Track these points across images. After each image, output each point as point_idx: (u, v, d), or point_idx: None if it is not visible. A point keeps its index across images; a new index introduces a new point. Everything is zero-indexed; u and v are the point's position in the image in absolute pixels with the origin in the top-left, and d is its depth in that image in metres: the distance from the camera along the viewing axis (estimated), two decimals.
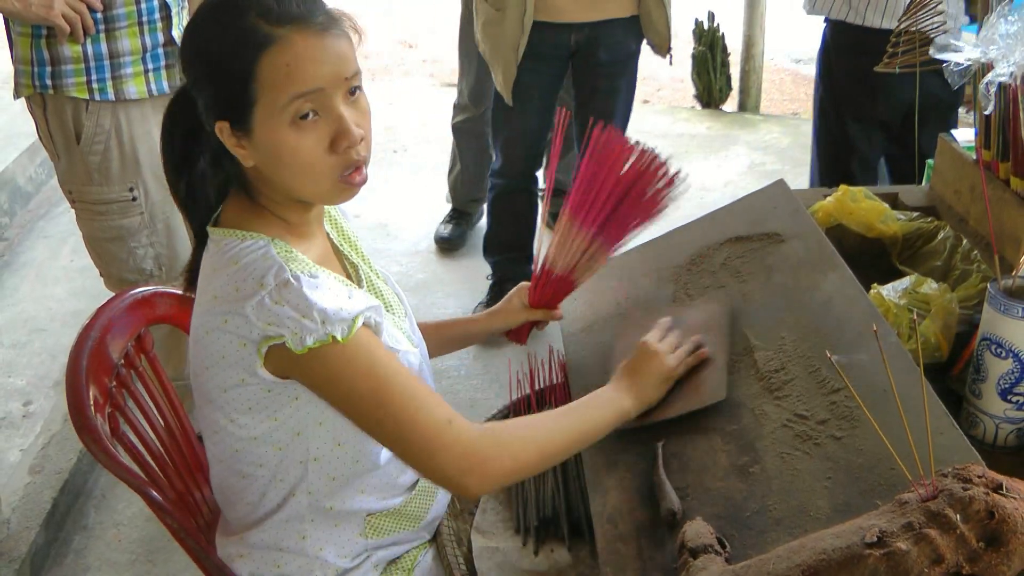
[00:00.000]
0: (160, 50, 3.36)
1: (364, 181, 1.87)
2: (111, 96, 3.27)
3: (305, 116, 1.77)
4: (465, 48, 5.37)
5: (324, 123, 1.79)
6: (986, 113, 2.38)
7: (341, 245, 2.16)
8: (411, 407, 1.81)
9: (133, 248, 3.49)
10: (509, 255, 5.08)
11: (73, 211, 3.46)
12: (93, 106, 3.26)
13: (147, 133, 3.34)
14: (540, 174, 5.13)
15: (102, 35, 3.21)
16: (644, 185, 2.37)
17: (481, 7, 4.34)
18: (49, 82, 3.21)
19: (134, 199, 3.42)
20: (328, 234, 2.13)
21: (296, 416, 1.90)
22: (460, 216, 5.90)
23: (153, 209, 3.45)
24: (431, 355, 2.39)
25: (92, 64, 3.23)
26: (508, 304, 2.48)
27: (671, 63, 4.63)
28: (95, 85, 3.25)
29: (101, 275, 3.64)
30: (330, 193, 1.88)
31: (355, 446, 1.97)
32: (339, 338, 1.75)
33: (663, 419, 2.07)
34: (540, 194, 5.89)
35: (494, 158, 4.94)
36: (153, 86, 3.34)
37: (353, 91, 1.83)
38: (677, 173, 2.38)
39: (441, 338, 2.48)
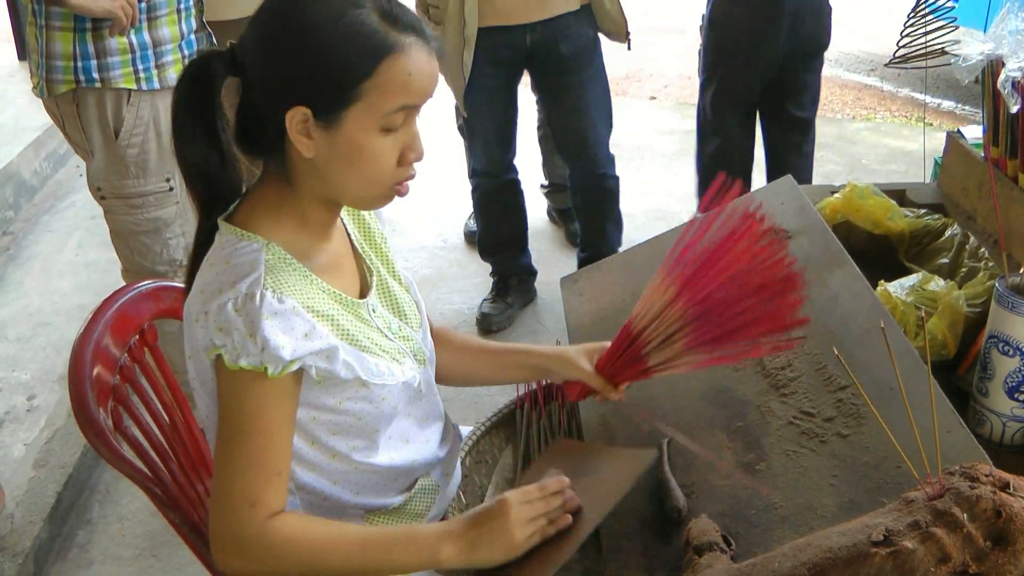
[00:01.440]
0: (193, 36, 3.45)
1: (407, 192, 1.89)
2: (156, 84, 3.34)
3: (395, 128, 1.78)
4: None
5: (402, 136, 1.80)
6: (1013, 112, 2.36)
7: (362, 247, 2.12)
8: (241, 467, 1.78)
9: (167, 239, 3.54)
10: (506, 253, 5.09)
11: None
12: (135, 96, 3.31)
13: None
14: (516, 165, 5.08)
15: (145, 25, 3.27)
16: (773, 317, 1.87)
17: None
18: (96, 75, 3.24)
19: (171, 189, 3.47)
20: (349, 235, 2.10)
21: None
22: None
23: (186, 198, 3.46)
24: (477, 379, 2.39)
25: (138, 54, 3.29)
26: (577, 356, 2.21)
27: (630, 48, 4.60)
28: (141, 75, 3.31)
29: (125, 270, 3.69)
30: (376, 200, 1.88)
31: (327, 444, 1.95)
32: (270, 372, 1.74)
33: None
34: (543, 189, 5.91)
35: (470, 161, 4.98)
36: None
37: None
38: (800, 339, 1.91)
39: (496, 364, 2.36)
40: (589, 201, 4.89)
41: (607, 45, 4.53)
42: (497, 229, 5.04)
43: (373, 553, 1.84)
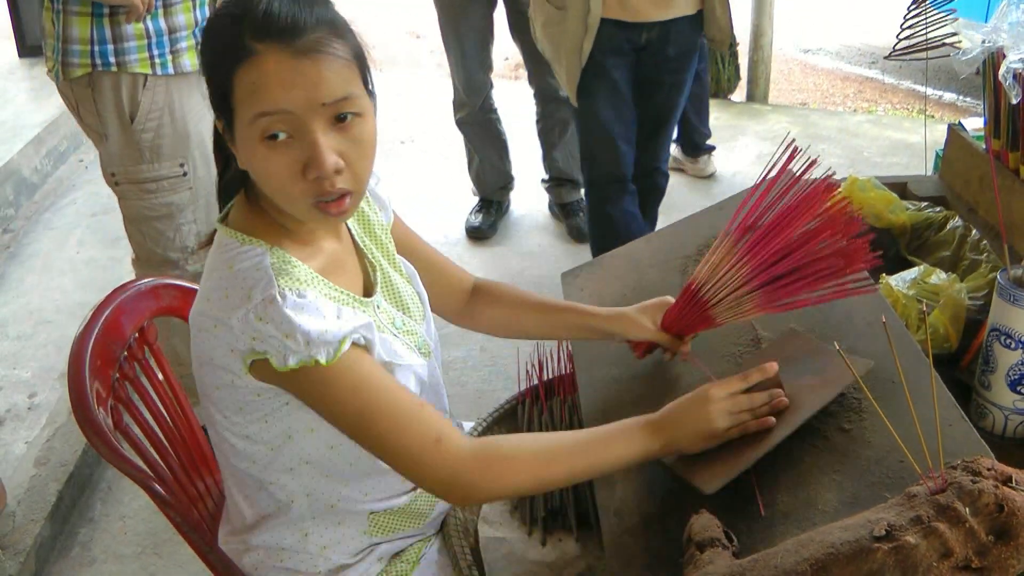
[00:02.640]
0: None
1: (343, 213, 1.80)
2: (171, 70, 3.38)
3: (274, 136, 1.71)
4: (450, 46, 5.41)
5: (298, 147, 1.73)
6: (1014, 103, 2.36)
7: (363, 242, 2.11)
8: (397, 426, 1.78)
9: (180, 224, 3.56)
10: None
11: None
12: (151, 81, 3.36)
13: (195, 106, 3.45)
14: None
15: (160, 12, 3.31)
16: (835, 268, 1.98)
17: (541, 7, 4.25)
18: (112, 59, 3.29)
19: (184, 174, 3.50)
20: (350, 230, 2.09)
21: (286, 420, 1.88)
22: (489, 205, 5.94)
23: (199, 184, 3.53)
24: (533, 334, 2.39)
25: (153, 40, 3.33)
26: (638, 315, 2.27)
27: (734, 57, 4.58)
28: (156, 60, 3.35)
29: (137, 259, 3.72)
30: (307, 216, 1.81)
31: (349, 450, 1.94)
32: (323, 361, 1.73)
33: (673, 468, 1.93)
34: (544, 184, 5.90)
35: (585, 170, 4.72)
36: None
37: (342, 117, 1.75)
38: (871, 287, 2.03)
39: (554, 322, 2.36)
40: (640, 192, 4.82)
41: None
42: (612, 228, 4.67)
43: (593, 453, 1.87)
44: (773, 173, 2.09)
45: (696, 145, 6.47)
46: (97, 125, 3.42)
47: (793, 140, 2.08)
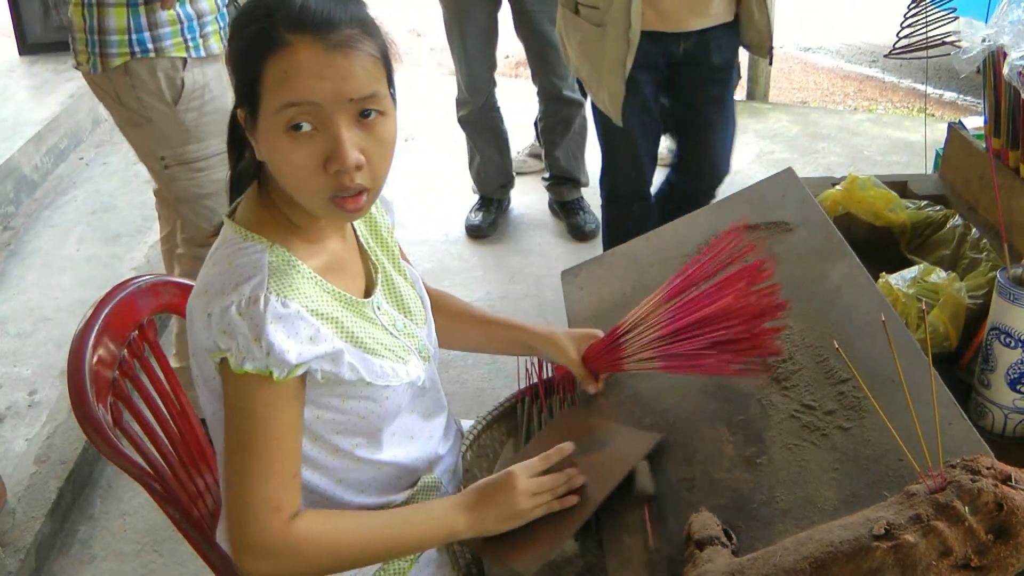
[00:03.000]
0: (225, 9, 3.63)
1: (359, 210, 1.81)
2: (202, 52, 3.52)
3: (298, 127, 1.72)
4: (455, 44, 5.40)
5: (321, 140, 1.74)
6: None
7: (368, 243, 2.11)
8: (259, 473, 1.78)
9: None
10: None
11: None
12: (190, 63, 3.49)
13: (228, 85, 3.53)
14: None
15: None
16: (750, 341, 2.06)
17: (576, 26, 4.07)
18: (151, 46, 3.41)
19: None
20: (356, 230, 2.10)
21: None
22: (489, 204, 5.94)
23: None
24: (469, 346, 2.45)
25: (185, 25, 3.46)
26: (565, 340, 2.34)
27: (771, 63, 4.45)
28: (190, 43, 3.48)
29: (189, 239, 3.79)
30: (322, 211, 1.82)
31: (331, 443, 1.96)
32: (275, 376, 1.74)
33: (479, 552, 2.02)
34: (544, 182, 5.91)
35: (605, 181, 4.60)
36: (225, 42, 3.56)
37: (366, 114, 1.76)
38: (766, 372, 2.06)
39: (488, 335, 2.44)
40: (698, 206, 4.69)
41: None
42: (627, 226, 4.53)
43: (397, 536, 1.90)
44: (718, 247, 2.19)
45: None
46: (140, 110, 3.51)
47: (740, 223, 2.24)
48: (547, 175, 5.87)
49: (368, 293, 2.03)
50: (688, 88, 4.22)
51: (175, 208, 3.80)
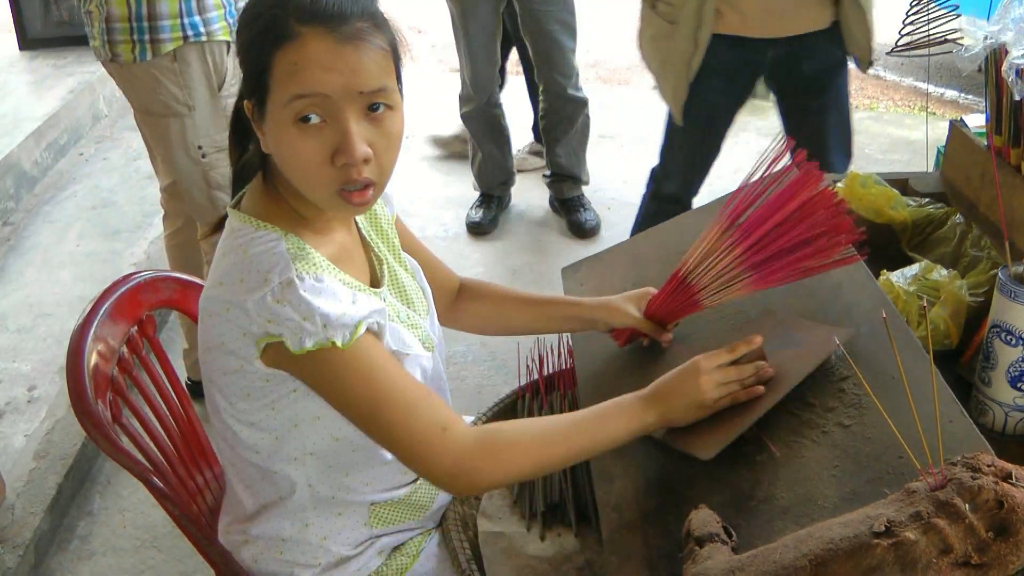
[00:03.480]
0: None
1: (365, 204, 1.81)
2: None
3: (306, 119, 1.73)
4: (461, 40, 5.44)
5: (330, 132, 1.74)
6: (1017, 99, 2.35)
7: (370, 236, 2.12)
8: (406, 414, 1.80)
9: None
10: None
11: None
12: (231, 48, 3.57)
13: None
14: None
15: None
16: (822, 246, 2.06)
17: (650, 20, 3.96)
18: (202, 30, 3.49)
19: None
20: (357, 224, 2.10)
21: (293, 408, 1.88)
22: (490, 200, 5.95)
23: None
24: (519, 329, 2.44)
25: (227, 8, 3.55)
26: (623, 303, 2.34)
27: (864, 71, 4.23)
28: (232, 27, 3.56)
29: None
30: (328, 204, 1.82)
31: (354, 439, 1.95)
32: (339, 344, 1.74)
33: (667, 442, 1.99)
34: (545, 179, 5.91)
35: (658, 179, 4.49)
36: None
37: (375, 107, 1.77)
38: (861, 255, 2.09)
39: (539, 315, 2.42)
40: None
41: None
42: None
43: (591, 431, 1.91)
44: (763, 167, 2.14)
45: None
46: (184, 98, 3.55)
47: (782, 136, 2.15)
48: (548, 172, 5.88)
49: (374, 286, 2.03)
50: (786, 98, 4.10)
51: (210, 195, 3.78)
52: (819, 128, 4.04)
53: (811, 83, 3.89)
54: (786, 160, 2.13)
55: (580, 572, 2.07)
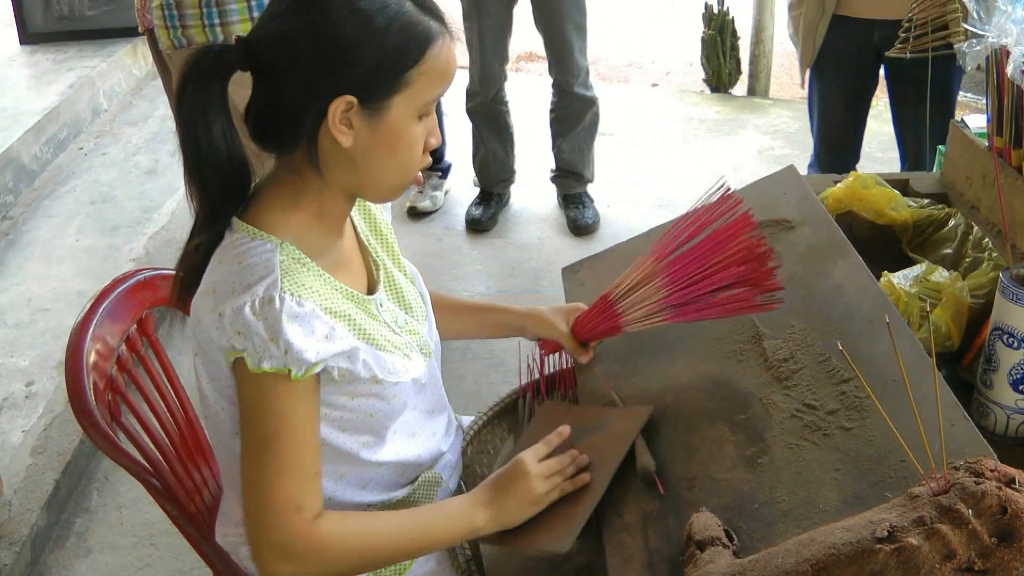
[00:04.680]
0: None
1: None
2: None
3: (426, 115, 1.83)
4: (471, 36, 5.45)
5: (426, 123, 1.85)
6: None
7: (368, 241, 2.11)
8: (280, 471, 1.78)
9: None
10: None
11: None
12: None
13: None
14: None
15: None
16: (744, 291, 2.13)
17: None
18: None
19: None
20: (356, 227, 2.10)
21: None
22: (490, 198, 5.96)
23: None
24: (452, 335, 2.43)
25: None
26: (551, 315, 2.39)
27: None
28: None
29: None
30: (401, 188, 1.91)
31: (335, 442, 1.94)
32: (293, 375, 1.74)
33: (505, 546, 2.00)
34: (551, 173, 5.90)
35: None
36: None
37: None
38: (779, 301, 2.12)
39: (471, 322, 2.47)
40: None
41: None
42: None
43: (416, 536, 1.92)
44: (700, 206, 2.25)
45: None
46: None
47: (725, 182, 2.25)
48: (553, 167, 5.89)
49: (371, 290, 2.03)
50: (891, 83, 4.18)
51: None
52: (917, 116, 4.00)
53: (910, 71, 3.79)
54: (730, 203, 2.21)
55: (580, 573, 2.06)
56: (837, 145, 4.48)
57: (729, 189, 2.23)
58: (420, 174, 1.93)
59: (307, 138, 1.79)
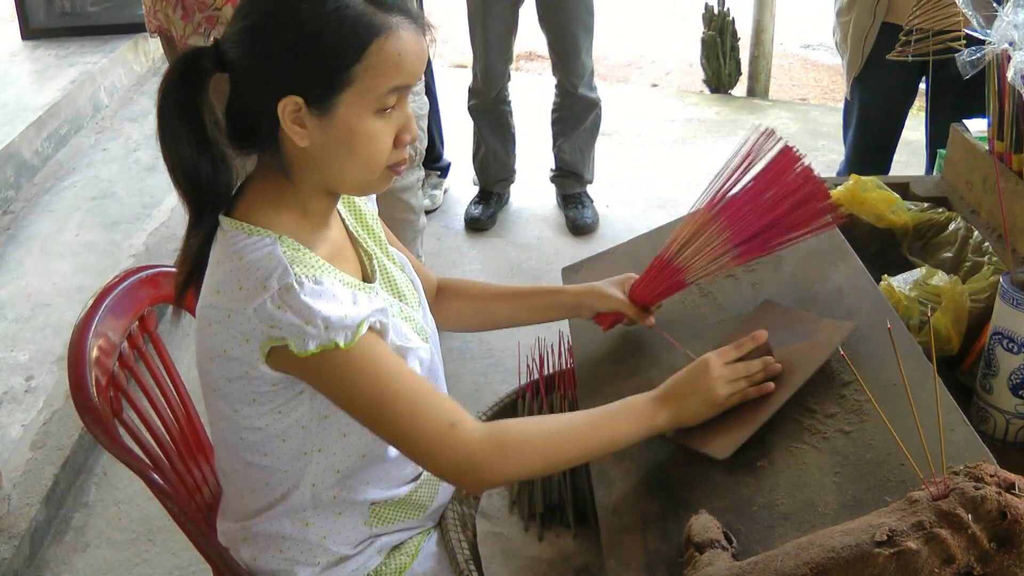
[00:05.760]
0: None
1: (401, 172, 1.91)
2: None
3: (388, 108, 1.79)
4: (475, 32, 5.45)
5: (396, 117, 1.82)
6: None
7: (357, 232, 2.12)
8: (413, 411, 1.80)
9: None
10: None
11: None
12: None
13: None
14: None
15: None
16: (802, 216, 2.17)
17: None
18: None
19: None
20: (344, 221, 2.10)
21: (300, 410, 1.89)
22: (489, 197, 5.97)
23: None
24: (503, 322, 2.44)
25: None
26: (606, 287, 2.37)
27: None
28: None
29: None
30: (374, 184, 1.89)
31: (361, 439, 1.95)
32: (342, 344, 1.74)
33: (677, 442, 1.99)
34: (551, 173, 5.90)
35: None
36: None
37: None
38: (833, 221, 2.20)
39: (523, 306, 2.43)
40: None
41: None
42: None
43: (602, 430, 1.92)
44: (742, 152, 2.23)
45: None
46: None
47: (761, 126, 2.23)
48: (554, 167, 5.89)
49: (366, 281, 2.03)
50: (933, 93, 4.12)
51: None
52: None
53: (955, 83, 3.47)
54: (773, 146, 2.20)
55: (578, 574, 2.07)
56: (872, 154, 4.48)
57: (768, 131, 2.22)
58: (401, 165, 1.89)
59: (271, 138, 1.82)
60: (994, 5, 2.33)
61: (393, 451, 2.01)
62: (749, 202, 2.18)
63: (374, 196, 2.25)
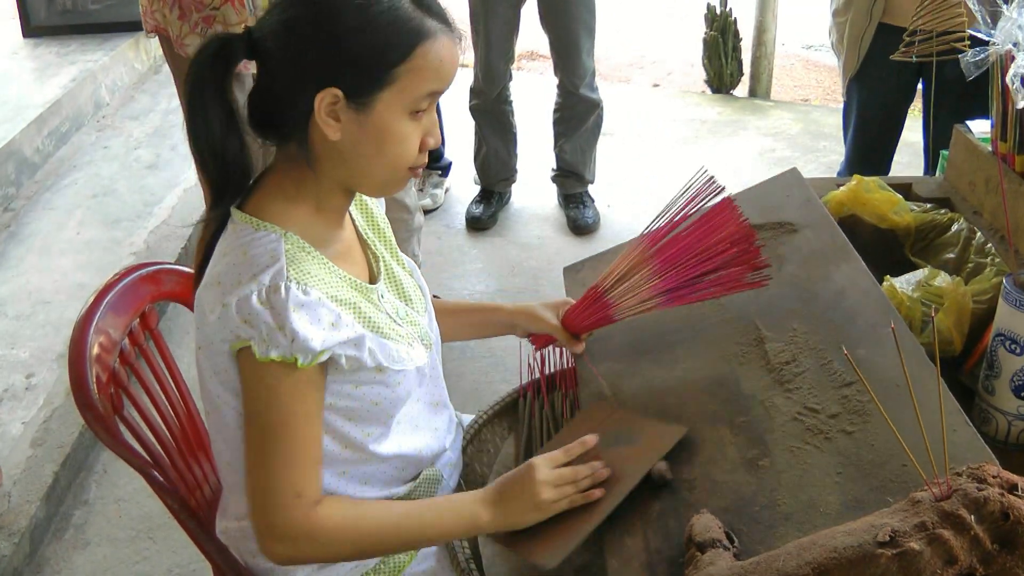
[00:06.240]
0: None
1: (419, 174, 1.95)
2: None
3: (420, 111, 1.83)
4: (477, 32, 5.45)
5: (424, 122, 1.85)
6: (1020, 107, 2.35)
7: (367, 233, 2.12)
8: (285, 460, 1.81)
9: None
10: None
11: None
12: None
13: None
14: None
15: None
16: (734, 271, 2.20)
17: None
18: None
19: None
20: (354, 221, 2.10)
21: None
22: (490, 196, 5.96)
23: None
24: (457, 336, 2.46)
25: None
26: (540, 310, 2.41)
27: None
28: None
29: None
30: (394, 184, 1.92)
31: (341, 435, 1.96)
32: (300, 363, 1.75)
33: (504, 547, 2.01)
34: (552, 172, 5.90)
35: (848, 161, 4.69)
36: None
37: None
38: (768, 278, 2.21)
39: (463, 322, 2.47)
40: None
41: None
42: None
43: (420, 527, 1.93)
44: (684, 198, 2.32)
45: None
46: None
47: (706, 170, 2.32)
48: (555, 166, 5.89)
49: (372, 282, 2.03)
50: (937, 93, 3.99)
51: None
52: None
53: (954, 84, 3.59)
54: (712, 189, 2.28)
55: (578, 574, 2.06)
56: (871, 155, 4.50)
57: (712, 178, 2.29)
58: (420, 169, 1.92)
59: (299, 129, 1.82)
60: (999, 2, 2.33)
61: (389, 450, 2.02)
62: (682, 252, 2.23)
63: (382, 199, 2.25)
